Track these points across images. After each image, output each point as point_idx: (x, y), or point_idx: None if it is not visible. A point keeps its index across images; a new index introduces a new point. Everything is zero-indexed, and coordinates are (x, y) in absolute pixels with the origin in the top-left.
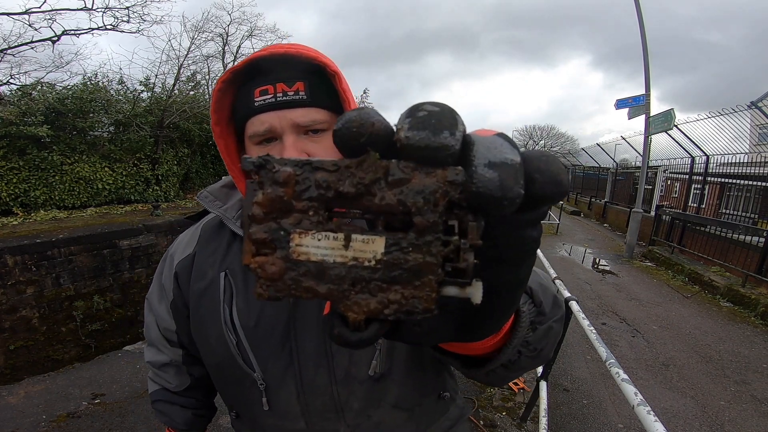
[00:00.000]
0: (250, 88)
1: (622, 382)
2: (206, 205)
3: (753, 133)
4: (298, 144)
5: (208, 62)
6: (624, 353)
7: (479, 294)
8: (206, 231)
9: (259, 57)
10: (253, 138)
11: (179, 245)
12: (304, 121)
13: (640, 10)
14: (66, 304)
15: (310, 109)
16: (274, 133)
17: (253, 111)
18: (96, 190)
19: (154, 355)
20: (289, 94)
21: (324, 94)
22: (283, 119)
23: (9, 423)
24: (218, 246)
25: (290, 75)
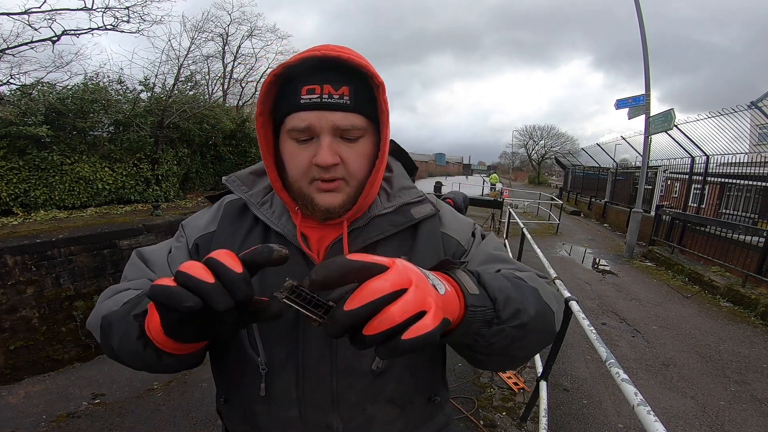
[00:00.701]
0: (298, 85)
1: (622, 382)
2: (233, 189)
3: (753, 133)
4: (334, 146)
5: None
6: (624, 353)
7: None
8: (228, 211)
9: (312, 56)
10: (291, 132)
11: (198, 219)
12: (344, 124)
13: (640, 10)
14: (66, 304)
15: (351, 114)
16: (313, 132)
17: (298, 107)
18: (96, 190)
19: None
20: (334, 97)
21: (365, 102)
22: (324, 120)
23: (9, 423)
24: (238, 229)
25: (338, 78)
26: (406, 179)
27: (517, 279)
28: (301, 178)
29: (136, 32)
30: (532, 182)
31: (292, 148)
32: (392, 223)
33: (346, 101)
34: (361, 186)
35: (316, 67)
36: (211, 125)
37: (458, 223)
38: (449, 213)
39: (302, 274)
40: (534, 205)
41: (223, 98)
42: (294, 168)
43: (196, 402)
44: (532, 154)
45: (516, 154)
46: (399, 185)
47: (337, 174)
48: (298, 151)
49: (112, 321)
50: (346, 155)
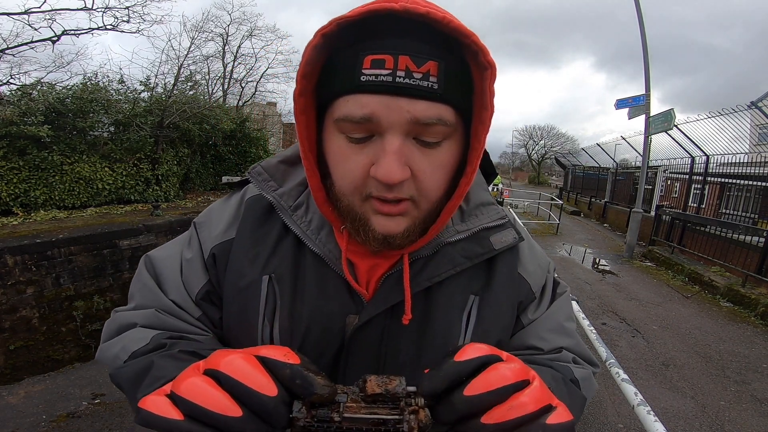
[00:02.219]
0: (358, 53)
1: (622, 382)
2: (259, 187)
3: (753, 133)
4: (403, 151)
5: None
6: (624, 353)
7: None
8: (251, 212)
9: (387, 9)
10: (342, 123)
11: (216, 219)
12: (426, 117)
13: (640, 10)
14: (66, 304)
15: (437, 105)
16: (375, 127)
17: (355, 87)
18: (96, 190)
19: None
20: (414, 76)
21: (458, 87)
22: (396, 110)
23: (9, 423)
24: (263, 237)
25: (421, 47)
26: (485, 191)
27: (574, 387)
28: (353, 192)
29: (136, 32)
30: (532, 182)
31: (342, 148)
32: (467, 254)
33: (432, 84)
34: (435, 211)
35: (390, 27)
36: (211, 125)
37: (536, 260)
38: (528, 246)
39: (343, 308)
40: (534, 205)
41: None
42: (342, 177)
43: None
44: (532, 154)
45: (516, 154)
46: (477, 200)
47: (403, 193)
48: (350, 154)
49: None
50: (419, 167)
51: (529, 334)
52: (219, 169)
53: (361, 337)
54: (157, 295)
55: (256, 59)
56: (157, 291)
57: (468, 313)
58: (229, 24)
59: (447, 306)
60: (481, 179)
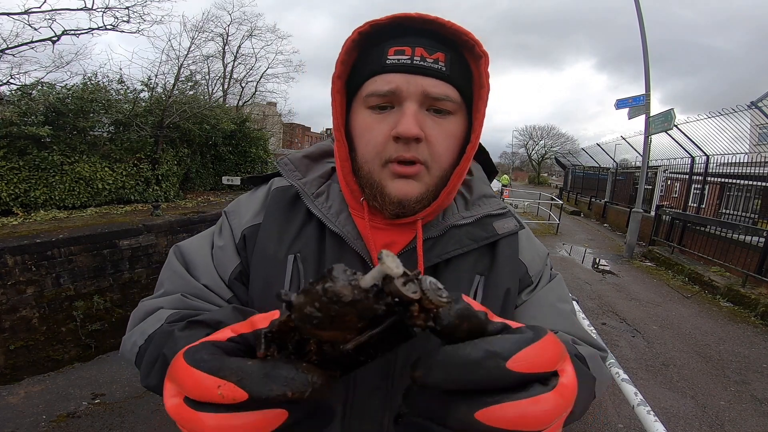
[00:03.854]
0: (384, 46)
1: (622, 382)
2: (285, 174)
3: (753, 133)
4: (419, 117)
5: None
6: (624, 353)
7: None
8: (277, 200)
9: (407, 16)
10: (370, 97)
11: (245, 207)
12: (436, 92)
13: (640, 10)
14: (66, 304)
15: (444, 83)
16: (397, 97)
17: (382, 69)
18: (96, 190)
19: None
20: (428, 61)
21: (461, 75)
22: (413, 84)
23: (9, 423)
24: (288, 223)
25: (432, 43)
26: (487, 186)
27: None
28: (374, 158)
29: (136, 32)
30: (532, 182)
31: (367, 119)
32: (472, 237)
33: (441, 67)
34: (445, 177)
35: (409, 29)
36: (211, 125)
37: (533, 248)
38: (527, 235)
39: None
40: (534, 205)
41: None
42: (366, 143)
43: None
44: (532, 154)
45: (516, 154)
46: (480, 192)
47: (419, 155)
48: (374, 123)
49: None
50: (432, 132)
51: (522, 314)
52: (219, 169)
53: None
54: (187, 280)
55: (256, 59)
56: (188, 276)
57: (474, 292)
58: (229, 24)
59: (455, 284)
60: (482, 175)
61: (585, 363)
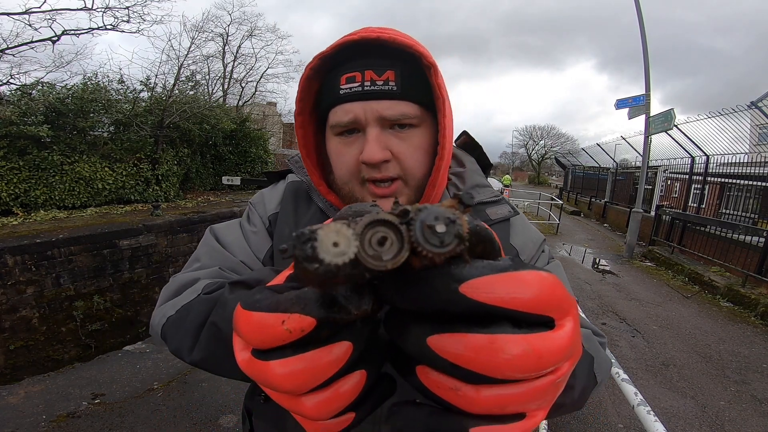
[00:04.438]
0: (337, 74)
1: (622, 382)
2: (295, 170)
3: (753, 133)
4: (382, 138)
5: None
6: (624, 353)
7: None
8: (290, 192)
9: (349, 41)
10: (334, 128)
11: (268, 198)
12: (392, 114)
13: (641, 10)
14: (66, 304)
15: (399, 102)
16: (358, 125)
17: (338, 99)
18: (96, 190)
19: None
20: (377, 84)
21: (416, 86)
22: (369, 110)
23: (9, 423)
24: (299, 213)
25: (381, 62)
26: (481, 176)
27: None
28: (351, 179)
29: (136, 32)
30: (532, 182)
31: (337, 146)
32: None
33: (392, 87)
34: (422, 186)
35: (355, 52)
36: (211, 125)
37: (526, 234)
38: (521, 221)
39: None
40: (534, 205)
41: (223, 98)
42: (340, 168)
43: (196, 402)
44: (532, 154)
45: (516, 154)
46: (472, 182)
47: (391, 172)
48: (343, 148)
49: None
50: (398, 149)
51: None
52: (219, 169)
53: None
54: (226, 255)
55: (256, 59)
56: (226, 252)
57: None
58: (229, 24)
59: None
60: (476, 167)
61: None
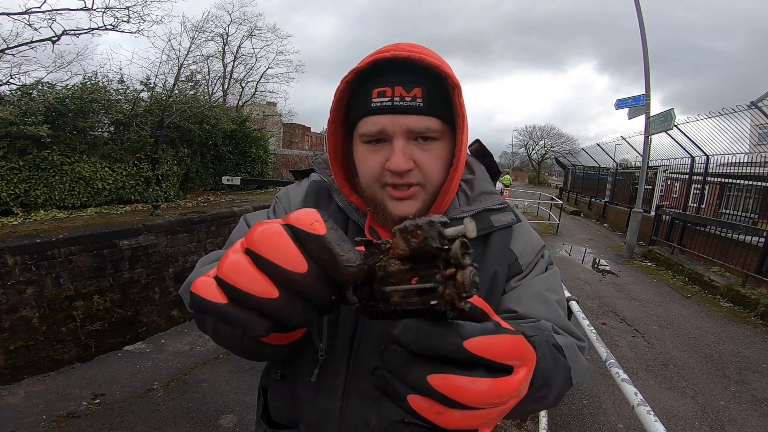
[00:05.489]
0: (369, 88)
1: (622, 382)
2: (318, 170)
3: (753, 133)
4: (407, 150)
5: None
6: (624, 353)
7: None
8: (312, 191)
9: (382, 58)
10: (363, 137)
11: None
12: (418, 127)
13: (640, 10)
14: (66, 304)
15: (424, 117)
16: (385, 135)
17: (369, 111)
18: (96, 190)
19: None
20: (406, 100)
21: (439, 103)
22: (397, 124)
23: (9, 423)
24: (321, 207)
25: (409, 79)
26: (489, 184)
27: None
28: (374, 183)
29: (136, 32)
30: (532, 182)
31: (364, 152)
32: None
33: (419, 104)
34: (437, 192)
35: (386, 68)
36: (211, 125)
37: (527, 240)
38: (523, 228)
39: None
40: (534, 205)
41: (223, 98)
42: (366, 172)
43: (196, 402)
44: (532, 154)
45: (516, 154)
46: (480, 189)
47: (412, 179)
48: (370, 155)
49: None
50: (421, 159)
51: (509, 299)
52: (219, 168)
53: None
54: None
55: (256, 59)
56: None
57: None
58: (229, 24)
59: None
60: (485, 174)
61: (562, 352)
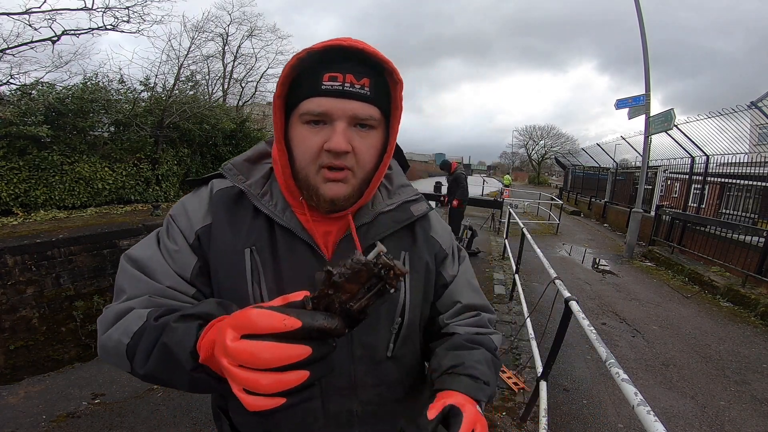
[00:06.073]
0: (320, 71)
1: (622, 382)
2: (231, 179)
3: (753, 133)
4: (347, 133)
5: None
6: (624, 353)
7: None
8: (221, 202)
9: (337, 45)
10: (305, 116)
11: (191, 210)
12: (362, 114)
13: (640, 10)
14: (66, 304)
15: (368, 105)
16: (327, 118)
17: (317, 93)
18: (96, 190)
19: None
20: (355, 87)
21: (382, 95)
22: (343, 107)
23: (9, 423)
24: (237, 221)
25: (360, 69)
26: (403, 177)
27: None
28: (309, 165)
29: (136, 32)
30: (532, 182)
31: (304, 132)
32: (395, 220)
33: (366, 92)
34: (368, 179)
35: (340, 56)
36: (211, 125)
37: (442, 227)
38: (436, 216)
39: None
40: (534, 205)
41: (223, 98)
42: (303, 153)
43: (196, 402)
44: (532, 154)
45: (516, 154)
46: (398, 183)
47: (347, 163)
48: (310, 135)
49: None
50: (357, 145)
51: (454, 292)
52: (218, 168)
53: None
54: (149, 282)
55: (256, 59)
56: (148, 279)
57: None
58: (229, 24)
59: None
60: (399, 169)
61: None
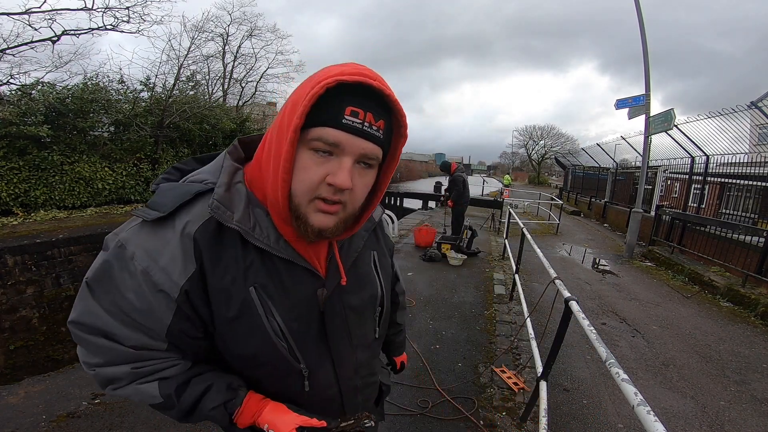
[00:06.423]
0: (342, 103)
1: (622, 382)
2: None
3: (753, 133)
4: (353, 170)
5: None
6: (624, 353)
7: None
8: (206, 243)
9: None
10: (315, 142)
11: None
12: (370, 154)
13: (640, 10)
14: (66, 304)
15: (377, 147)
16: (338, 151)
17: (337, 125)
18: (96, 190)
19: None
20: (373, 128)
21: (388, 138)
22: (356, 145)
23: (9, 423)
24: (230, 261)
25: (379, 110)
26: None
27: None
28: (305, 194)
29: (136, 32)
30: (532, 182)
31: (308, 160)
32: (365, 229)
33: (380, 135)
34: (355, 213)
35: (362, 90)
36: (211, 125)
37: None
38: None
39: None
40: (534, 205)
41: (223, 98)
42: (302, 181)
43: None
44: (532, 154)
45: (516, 154)
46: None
47: (343, 197)
48: (313, 165)
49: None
50: (356, 183)
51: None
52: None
53: (330, 301)
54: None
55: (256, 59)
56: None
57: (374, 265)
58: (229, 24)
59: (365, 265)
60: None
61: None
